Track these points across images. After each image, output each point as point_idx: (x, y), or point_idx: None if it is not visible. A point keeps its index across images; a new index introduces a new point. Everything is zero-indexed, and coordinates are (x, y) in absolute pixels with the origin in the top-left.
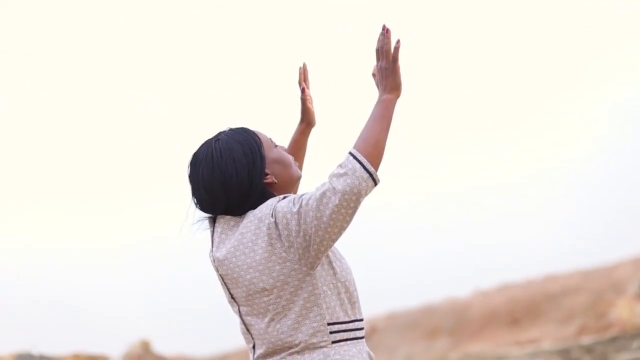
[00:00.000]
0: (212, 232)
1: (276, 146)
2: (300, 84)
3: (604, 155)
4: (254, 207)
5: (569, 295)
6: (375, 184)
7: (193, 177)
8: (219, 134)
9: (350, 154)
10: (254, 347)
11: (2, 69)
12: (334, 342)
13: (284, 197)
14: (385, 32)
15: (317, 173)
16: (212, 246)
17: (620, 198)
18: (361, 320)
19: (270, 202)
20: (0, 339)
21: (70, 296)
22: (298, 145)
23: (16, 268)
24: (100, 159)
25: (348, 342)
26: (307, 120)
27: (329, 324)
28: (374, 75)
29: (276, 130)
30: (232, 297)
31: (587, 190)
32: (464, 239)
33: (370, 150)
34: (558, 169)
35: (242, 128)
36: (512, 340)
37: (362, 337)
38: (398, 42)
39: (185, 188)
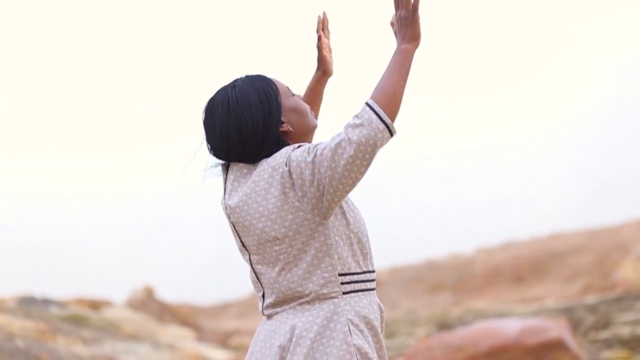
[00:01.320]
0: (225, 180)
1: (293, 95)
2: (317, 31)
3: (609, 114)
4: (268, 156)
5: (573, 254)
6: (392, 135)
7: (208, 123)
8: (236, 80)
9: (367, 104)
10: (263, 295)
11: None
12: (344, 293)
13: (299, 146)
14: None
15: (333, 123)
16: (225, 193)
17: (627, 158)
18: (373, 271)
19: (285, 150)
20: (3, 282)
21: (74, 242)
22: (314, 94)
23: (20, 213)
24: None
25: (359, 293)
26: (323, 69)
27: (340, 275)
28: (392, 24)
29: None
30: (243, 245)
31: (593, 148)
32: (468, 195)
33: (387, 101)
34: (564, 127)
35: (259, 75)
36: (515, 298)
37: (373, 289)
38: None
39: (190, 139)
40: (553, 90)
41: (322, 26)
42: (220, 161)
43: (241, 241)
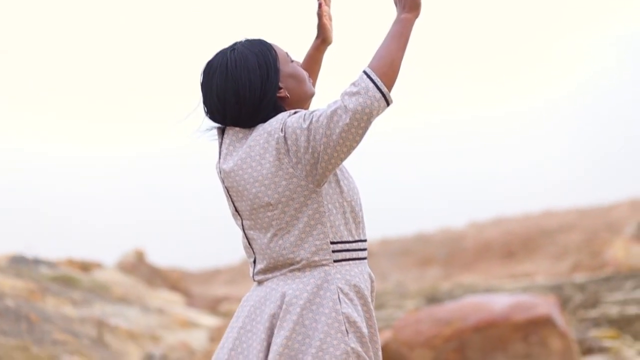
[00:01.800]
0: (220, 143)
1: (292, 61)
2: None
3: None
4: (265, 121)
5: (564, 232)
6: (388, 104)
7: (206, 86)
8: (235, 44)
9: (364, 72)
10: (254, 261)
11: None
12: (335, 261)
13: (295, 112)
14: None
15: (331, 91)
16: (220, 157)
17: (622, 138)
18: (365, 241)
19: (281, 116)
20: None
21: (67, 203)
22: (313, 61)
23: (14, 172)
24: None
25: (350, 262)
26: (322, 37)
27: (332, 243)
28: None
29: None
30: (236, 210)
31: (588, 125)
32: (460, 169)
33: (385, 70)
34: (557, 101)
35: (259, 39)
36: (505, 274)
37: (364, 258)
38: None
39: (188, 102)
40: (548, 63)
41: None
42: (216, 124)
43: (234, 206)
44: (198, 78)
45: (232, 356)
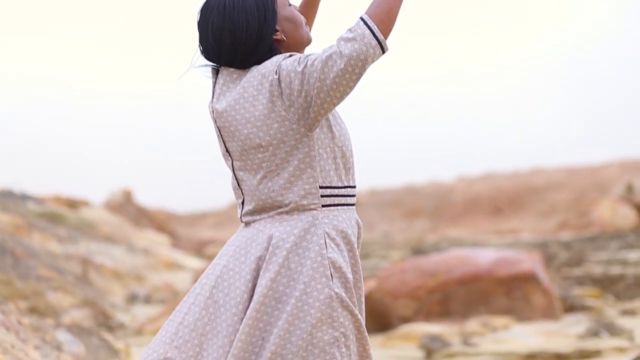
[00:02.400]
0: (214, 83)
1: (290, 5)
2: None
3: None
4: (259, 63)
5: (553, 190)
6: (384, 52)
7: (202, 25)
8: None
9: (361, 19)
10: (243, 202)
11: None
12: (324, 206)
13: (290, 56)
14: None
15: (326, 37)
16: (213, 97)
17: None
18: (354, 187)
19: (276, 59)
20: None
21: (58, 138)
22: (310, 7)
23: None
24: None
25: (338, 207)
26: None
27: (321, 187)
28: None
29: None
30: (227, 151)
31: (580, 80)
32: (451, 123)
33: (382, 17)
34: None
35: None
36: (492, 229)
37: (352, 204)
38: None
39: (182, 47)
40: (539, 15)
41: None
42: (211, 63)
43: (225, 146)
44: (195, 16)
45: (213, 294)
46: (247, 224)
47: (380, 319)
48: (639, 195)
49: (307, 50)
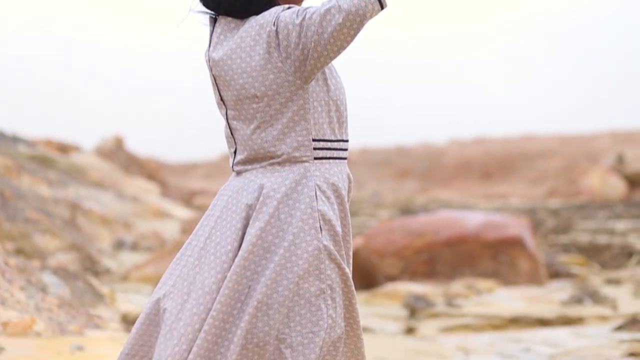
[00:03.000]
0: (211, 32)
1: None
2: None
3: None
4: (258, 13)
5: (544, 157)
6: (382, 8)
7: None
8: None
9: None
10: (235, 152)
11: None
12: (316, 159)
13: (289, 7)
14: None
15: None
16: (209, 46)
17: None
18: (347, 141)
19: (274, 10)
20: None
21: (49, 80)
22: None
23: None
24: None
25: (330, 160)
26: None
27: (314, 140)
28: None
29: None
30: (222, 99)
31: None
32: (445, 85)
33: None
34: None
35: None
36: (481, 193)
37: (344, 158)
38: None
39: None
40: None
41: None
42: (209, 11)
43: (220, 95)
44: None
45: (207, 244)
46: (238, 173)
47: (366, 277)
48: (630, 166)
49: (306, 3)
